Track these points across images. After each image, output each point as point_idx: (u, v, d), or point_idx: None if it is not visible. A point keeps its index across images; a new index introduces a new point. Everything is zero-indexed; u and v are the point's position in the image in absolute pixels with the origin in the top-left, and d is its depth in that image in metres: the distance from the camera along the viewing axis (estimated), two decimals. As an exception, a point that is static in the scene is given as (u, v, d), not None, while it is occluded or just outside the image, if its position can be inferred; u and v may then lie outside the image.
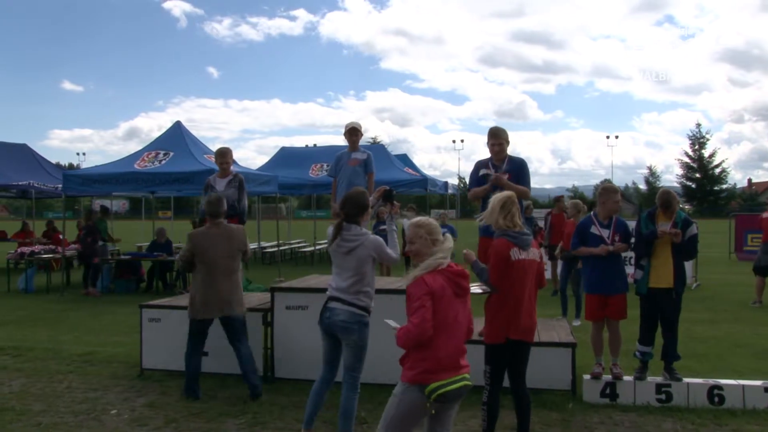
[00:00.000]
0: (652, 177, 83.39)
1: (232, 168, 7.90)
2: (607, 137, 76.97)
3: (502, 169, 6.15)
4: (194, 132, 15.41)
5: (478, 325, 4.79)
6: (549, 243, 12.82)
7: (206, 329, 6.16)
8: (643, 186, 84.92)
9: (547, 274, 13.65)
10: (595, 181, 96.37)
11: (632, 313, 6.05)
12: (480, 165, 6.33)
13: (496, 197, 4.58)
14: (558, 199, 13.74)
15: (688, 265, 11.23)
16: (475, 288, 5.00)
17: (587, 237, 6.01)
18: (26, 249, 15.44)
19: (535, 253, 4.50)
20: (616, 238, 5.93)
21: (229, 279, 6.02)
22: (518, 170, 6.17)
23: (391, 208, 5.20)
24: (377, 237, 4.68)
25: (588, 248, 5.98)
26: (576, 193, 77.61)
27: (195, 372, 6.09)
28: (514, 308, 4.41)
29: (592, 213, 6.20)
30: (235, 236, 6.13)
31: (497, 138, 6.16)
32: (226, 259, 6.02)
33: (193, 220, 15.67)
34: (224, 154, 7.75)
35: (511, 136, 6.33)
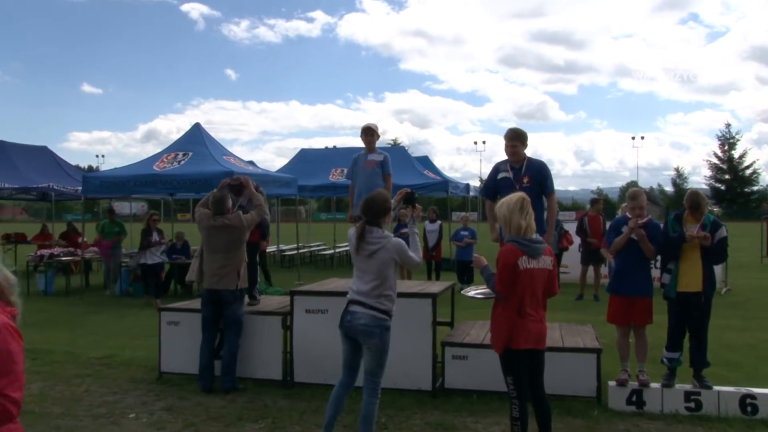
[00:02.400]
0: (679, 179, 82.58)
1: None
2: (632, 138, 76.20)
3: (521, 172, 6.11)
4: (213, 134, 15.48)
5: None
6: (585, 246, 12.69)
7: (213, 309, 6.53)
8: (669, 188, 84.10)
9: (571, 277, 13.59)
10: (620, 183, 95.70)
11: (659, 318, 5.97)
12: (498, 168, 6.31)
13: (507, 201, 4.52)
14: (595, 201, 13.56)
15: (718, 270, 11.07)
16: (478, 293, 4.98)
17: (619, 235, 5.98)
18: (46, 251, 15.63)
19: (546, 261, 4.45)
20: None
21: (226, 258, 6.55)
22: (539, 173, 6.12)
23: (413, 210, 5.19)
24: (399, 240, 4.67)
25: (618, 239, 5.93)
26: (600, 195, 76.90)
27: (205, 361, 6.47)
28: (519, 317, 4.36)
29: (627, 212, 6.18)
30: (234, 228, 6.60)
31: (510, 139, 6.16)
32: (226, 247, 6.58)
33: None
34: (238, 193, 7.32)
35: (533, 137, 6.34)
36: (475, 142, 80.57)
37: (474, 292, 5.09)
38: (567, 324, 7.40)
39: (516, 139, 6.14)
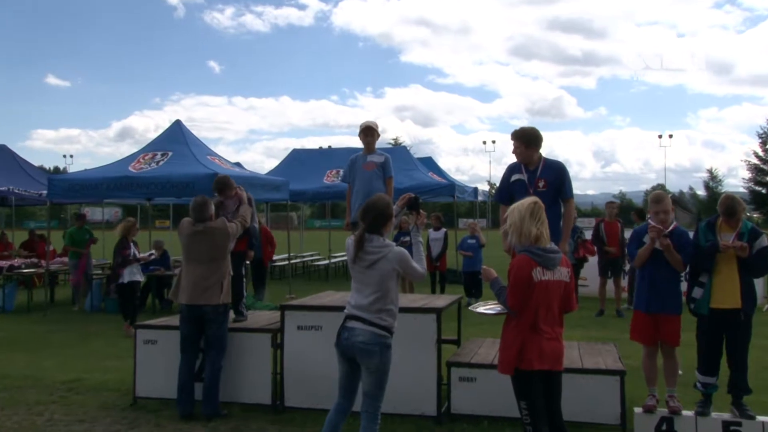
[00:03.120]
0: (712, 181, 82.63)
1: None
2: (659, 137, 75.62)
3: (537, 174, 6.13)
4: (195, 132, 15.52)
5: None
6: (602, 256, 12.71)
7: (193, 327, 6.55)
8: (701, 191, 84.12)
9: (591, 290, 13.59)
10: (645, 187, 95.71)
11: (688, 337, 5.93)
12: (512, 169, 6.33)
13: (518, 207, 4.54)
14: (610, 205, 13.56)
15: (759, 284, 11.03)
16: (488, 309, 4.99)
17: (642, 245, 5.96)
18: (4, 263, 15.52)
19: (562, 272, 4.47)
20: None
21: (209, 269, 6.55)
22: (556, 176, 6.13)
23: (417, 217, 5.22)
24: (402, 249, 4.70)
25: (642, 249, 5.91)
26: (623, 200, 76.81)
27: (184, 384, 6.47)
28: (533, 334, 4.36)
29: (649, 220, 6.16)
30: (217, 234, 6.65)
31: (513, 139, 6.20)
32: (208, 255, 6.61)
33: None
34: (221, 192, 7.44)
35: (547, 136, 6.31)
36: (484, 142, 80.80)
37: (483, 307, 5.10)
38: (587, 342, 7.40)
39: (518, 138, 6.16)
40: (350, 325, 4.61)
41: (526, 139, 6.15)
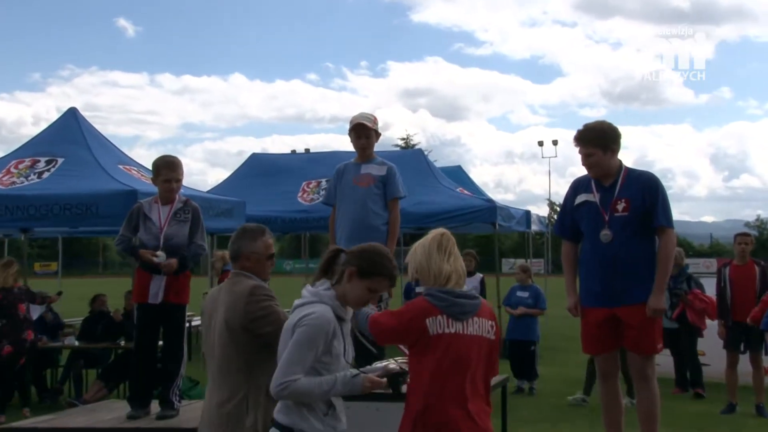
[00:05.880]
0: None
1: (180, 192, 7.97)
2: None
3: (614, 193, 6.11)
4: (100, 127, 15.60)
5: None
6: (727, 318, 12.44)
7: None
8: None
9: (714, 372, 13.43)
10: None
11: None
12: (578, 187, 6.33)
13: (422, 242, 4.68)
14: (742, 239, 13.01)
15: None
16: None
17: None
18: None
19: (483, 325, 4.62)
20: None
21: None
22: (644, 196, 6.10)
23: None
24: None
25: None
26: (763, 231, 76.65)
27: None
28: (438, 409, 4.43)
29: None
30: None
31: (581, 143, 6.20)
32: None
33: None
34: (173, 167, 7.73)
35: (637, 132, 6.29)
36: (540, 143, 78.04)
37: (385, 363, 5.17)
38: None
39: (590, 142, 6.15)
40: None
41: (602, 141, 6.11)
